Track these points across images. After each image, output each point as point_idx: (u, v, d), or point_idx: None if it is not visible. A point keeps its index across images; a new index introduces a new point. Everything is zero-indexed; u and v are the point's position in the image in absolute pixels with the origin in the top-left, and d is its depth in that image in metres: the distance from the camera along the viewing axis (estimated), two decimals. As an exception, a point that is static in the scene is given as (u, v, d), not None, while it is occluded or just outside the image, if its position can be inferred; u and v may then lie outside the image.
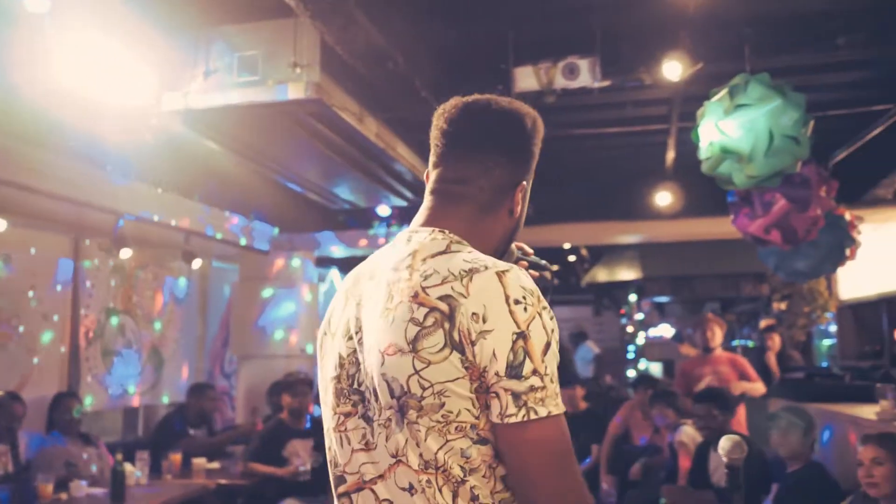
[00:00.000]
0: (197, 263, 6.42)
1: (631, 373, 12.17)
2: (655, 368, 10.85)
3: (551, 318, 1.20)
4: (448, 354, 1.15)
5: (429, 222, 1.33)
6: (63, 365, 5.75)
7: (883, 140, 5.23)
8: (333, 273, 9.15)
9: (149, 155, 4.78)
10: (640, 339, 12.83)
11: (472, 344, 1.14)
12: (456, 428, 1.16)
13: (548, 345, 1.16)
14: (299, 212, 6.88)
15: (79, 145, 4.52)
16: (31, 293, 5.47)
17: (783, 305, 8.03)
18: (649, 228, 7.08)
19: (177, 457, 5.18)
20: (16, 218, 5.08)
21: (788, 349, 7.87)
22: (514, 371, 1.13)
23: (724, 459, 1.89)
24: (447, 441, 1.16)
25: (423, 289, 1.18)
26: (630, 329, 13.27)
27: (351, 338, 1.29)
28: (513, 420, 1.13)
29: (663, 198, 6.55)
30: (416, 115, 4.23)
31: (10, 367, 5.23)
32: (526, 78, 3.90)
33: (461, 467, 1.17)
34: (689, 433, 5.38)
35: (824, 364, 8.64)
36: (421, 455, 1.17)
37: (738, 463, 1.88)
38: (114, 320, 6.31)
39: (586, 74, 3.82)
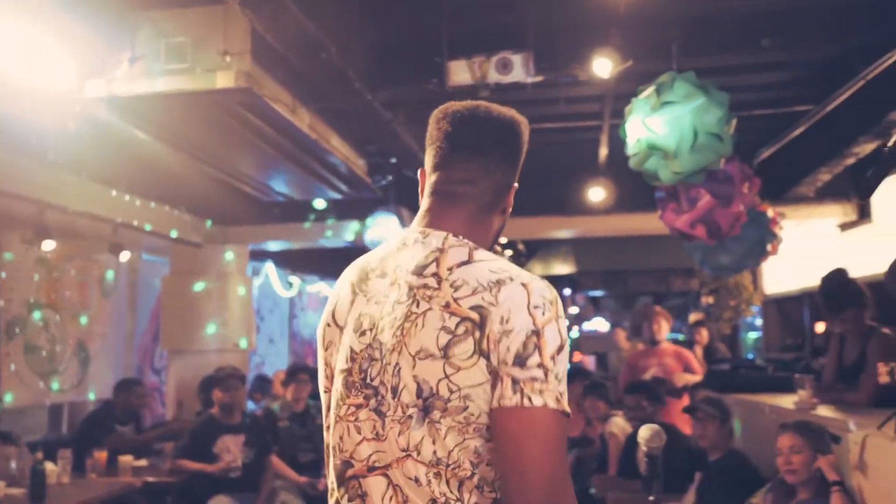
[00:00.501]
0: (125, 256, 6.25)
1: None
2: (588, 361, 11.04)
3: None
4: (476, 361, 1.24)
5: (435, 222, 1.40)
6: (-18, 360, 5.55)
7: (805, 139, 5.42)
8: (269, 267, 9.03)
9: (75, 143, 4.62)
10: (575, 332, 13.04)
11: (497, 342, 1.23)
12: (474, 429, 1.25)
13: (560, 347, 1.25)
14: (233, 204, 6.76)
15: (-2, 132, 4.35)
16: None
17: (711, 299, 8.27)
18: (583, 223, 7.19)
19: (102, 454, 5.03)
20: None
21: (715, 342, 8.11)
22: (519, 360, 1.22)
23: (644, 448, 1.93)
24: (464, 440, 1.25)
25: (455, 300, 1.27)
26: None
27: (364, 334, 1.36)
28: (507, 403, 1.21)
29: (596, 193, 6.66)
30: (350, 106, 4.21)
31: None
32: (460, 72, 3.91)
33: (471, 462, 1.26)
34: (619, 424, 5.49)
35: (750, 356, 8.93)
36: (435, 452, 1.25)
37: (657, 451, 1.92)
38: (36, 315, 6.10)
39: (520, 69, 3.85)
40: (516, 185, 1.47)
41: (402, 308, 1.30)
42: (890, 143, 3.49)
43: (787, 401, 4.28)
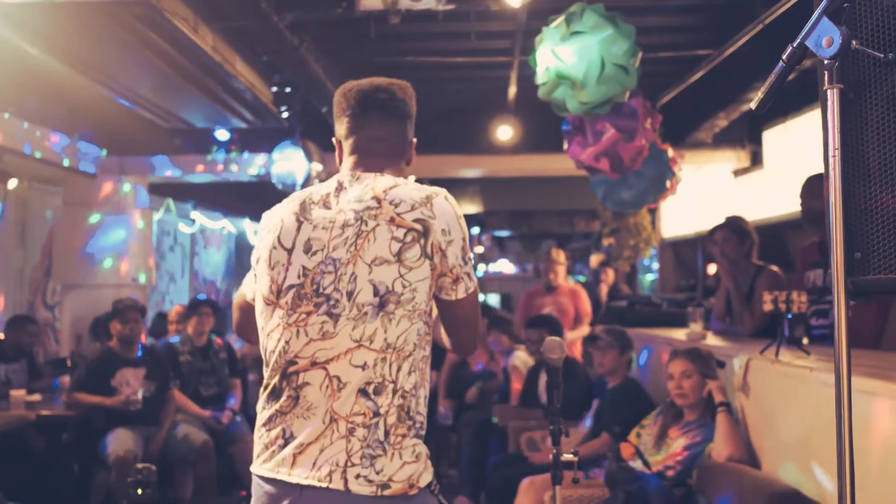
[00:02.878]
0: (13, 184, 5.91)
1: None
2: (494, 299, 11.27)
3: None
4: (423, 262, 1.62)
5: (365, 169, 1.76)
6: None
7: (704, 84, 5.59)
8: (168, 201, 8.73)
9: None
10: (481, 271, 13.24)
11: (443, 251, 1.65)
12: (418, 314, 1.64)
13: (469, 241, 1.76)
14: (131, 133, 6.46)
15: None
16: None
17: (612, 240, 8.54)
18: (491, 163, 7.24)
19: (-9, 389, 4.84)
20: None
21: (620, 283, 8.40)
22: (461, 261, 1.68)
23: (545, 358, 2.00)
24: (411, 325, 1.63)
25: (398, 214, 1.63)
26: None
27: (315, 254, 1.65)
28: (461, 295, 1.70)
29: (504, 132, 6.70)
30: (255, 27, 4.07)
31: None
32: (371, -4, 3.83)
33: (414, 343, 1.64)
34: (521, 357, 5.67)
35: (646, 295, 9.30)
36: (386, 339, 1.61)
37: (558, 363, 2.00)
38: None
39: (431, -4, 3.80)
40: (415, 139, 1.87)
41: (351, 229, 1.64)
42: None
43: (679, 333, 4.52)
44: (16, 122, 5.68)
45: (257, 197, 10.12)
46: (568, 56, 3.08)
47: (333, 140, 1.86)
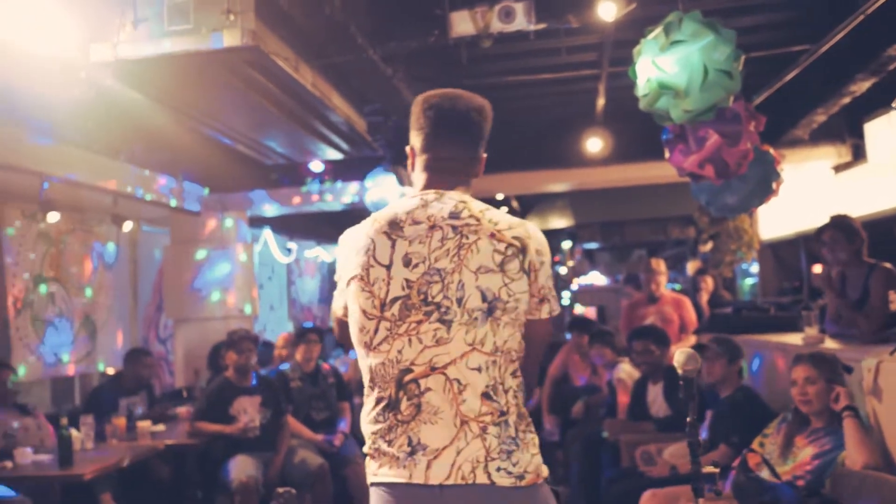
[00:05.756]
0: (128, 226, 6.24)
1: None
2: (591, 312, 11.16)
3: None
4: (522, 276, 1.75)
5: (440, 185, 1.85)
6: (-9, 336, 5.56)
7: (801, 81, 5.43)
8: (266, 233, 9.02)
9: (73, 113, 4.59)
10: (575, 285, 13.13)
11: (536, 271, 1.77)
12: (518, 324, 1.76)
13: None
14: (230, 171, 6.73)
15: (-1, 104, 4.31)
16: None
17: (709, 246, 8.35)
18: (579, 175, 7.21)
19: (120, 420, 5.09)
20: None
21: (720, 289, 8.19)
22: (548, 283, 1.81)
23: (679, 371, 1.99)
24: (514, 332, 1.75)
25: (498, 231, 1.75)
26: (564, 272, 13.54)
27: (417, 266, 1.74)
28: (543, 315, 1.81)
29: (593, 144, 6.67)
30: (351, 62, 4.20)
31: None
32: (462, 22, 3.91)
33: (515, 350, 1.76)
34: (626, 370, 5.59)
35: (749, 300, 9.04)
36: (495, 342, 1.72)
37: (693, 374, 1.99)
38: (42, 288, 6.10)
39: (522, 17, 3.85)
40: (485, 154, 1.94)
41: (451, 241, 1.74)
42: None
43: (791, 338, 4.38)
44: (127, 168, 6.00)
45: (349, 224, 10.37)
46: (669, 66, 3.07)
47: (407, 149, 1.94)
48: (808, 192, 7.74)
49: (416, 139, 1.91)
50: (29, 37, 3.37)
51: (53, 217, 5.55)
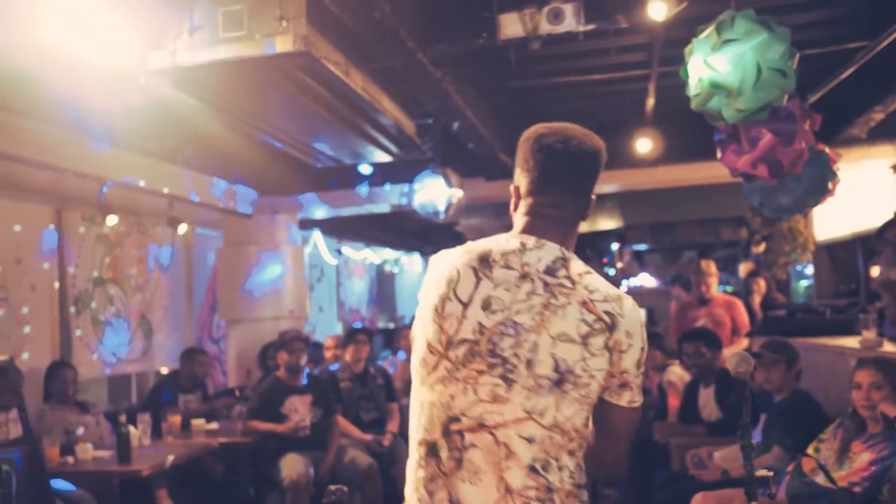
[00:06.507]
0: (183, 229, 6.39)
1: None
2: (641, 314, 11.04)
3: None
4: (605, 353, 1.61)
5: (544, 233, 1.71)
6: (53, 335, 5.75)
7: (857, 78, 5.30)
8: (316, 235, 9.15)
9: (131, 119, 4.73)
10: (624, 287, 13.03)
11: (621, 352, 1.62)
12: (588, 403, 1.61)
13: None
14: (281, 174, 6.85)
15: (60, 110, 4.46)
16: (17, 265, 5.44)
17: (761, 248, 8.19)
18: (629, 177, 7.14)
19: (176, 418, 5.23)
20: (-2, 189, 5.03)
21: (773, 291, 8.03)
22: (635, 369, 1.64)
23: (732, 374, 1.97)
24: (580, 410, 1.60)
25: (591, 300, 1.62)
26: (612, 274, 13.41)
27: (495, 313, 1.62)
28: (635, 405, 1.66)
29: (643, 145, 6.61)
30: (401, 65, 4.24)
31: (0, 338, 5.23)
32: (511, 24, 3.91)
33: (578, 431, 1.60)
34: (676, 373, 5.52)
35: (804, 302, 8.84)
36: (555, 417, 1.58)
37: (746, 376, 1.96)
38: (102, 289, 6.28)
39: (571, 18, 3.84)
40: (594, 196, 1.78)
41: (539, 298, 1.62)
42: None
43: (848, 342, 4.27)
44: (182, 172, 6.16)
45: (396, 226, 10.46)
46: (721, 65, 3.03)
47: (511, 188, 1.79)
48: (866, 192, 7.55)
49: (521, 179, 1.76)
50: (90, 47, 3.48)
51: (112, 220, 5.71)
